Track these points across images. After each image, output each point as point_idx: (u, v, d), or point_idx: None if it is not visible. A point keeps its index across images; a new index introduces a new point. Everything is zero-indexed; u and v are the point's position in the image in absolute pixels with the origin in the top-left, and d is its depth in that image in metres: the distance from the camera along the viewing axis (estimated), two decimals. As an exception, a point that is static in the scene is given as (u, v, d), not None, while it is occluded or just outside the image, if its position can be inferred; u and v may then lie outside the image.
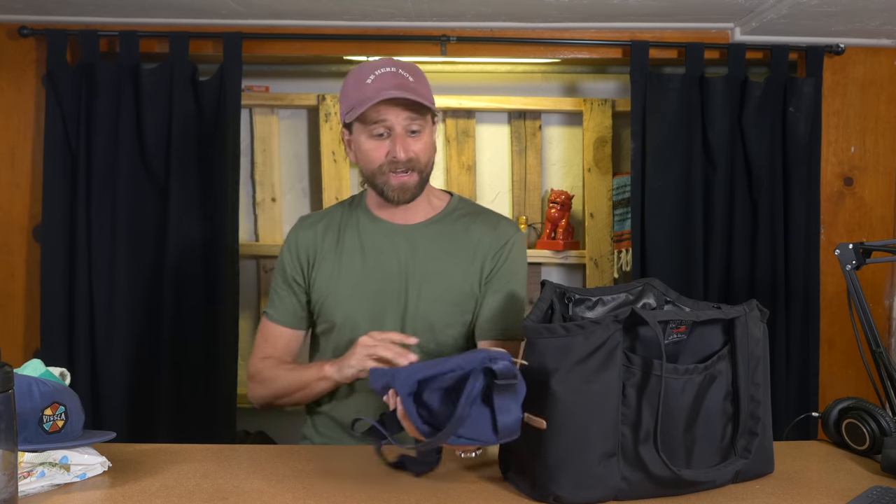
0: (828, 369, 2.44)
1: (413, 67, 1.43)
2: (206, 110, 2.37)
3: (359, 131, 1.42)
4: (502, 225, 1.53)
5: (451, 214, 1.52)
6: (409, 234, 1.48)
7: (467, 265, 1.47)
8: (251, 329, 2.68)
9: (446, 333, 1.46)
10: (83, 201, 2.33)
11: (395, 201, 1.43)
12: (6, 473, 0.93)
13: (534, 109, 2.64)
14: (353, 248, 1.49)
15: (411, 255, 1.47)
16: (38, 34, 2.36)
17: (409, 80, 1.39)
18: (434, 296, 1.45)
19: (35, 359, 1.18)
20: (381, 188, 1.43)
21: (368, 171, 1.44)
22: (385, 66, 1.40)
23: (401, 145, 1.38)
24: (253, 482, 1.14)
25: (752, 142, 2.37)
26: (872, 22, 2.26)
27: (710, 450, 1.13)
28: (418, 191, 1.44)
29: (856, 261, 1.46)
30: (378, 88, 1.36)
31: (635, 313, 1.07)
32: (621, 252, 2.56)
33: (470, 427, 1.01)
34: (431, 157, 1.45)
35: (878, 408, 1.32)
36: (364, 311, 1.45)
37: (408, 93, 1.35)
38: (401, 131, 1.39)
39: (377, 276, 1.46)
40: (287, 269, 1.54)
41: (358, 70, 1.42)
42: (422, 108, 1.39)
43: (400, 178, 1.40)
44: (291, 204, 2.71)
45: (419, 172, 1.42)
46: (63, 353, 2.31)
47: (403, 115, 1.38)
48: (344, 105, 1.44)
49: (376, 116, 1.37)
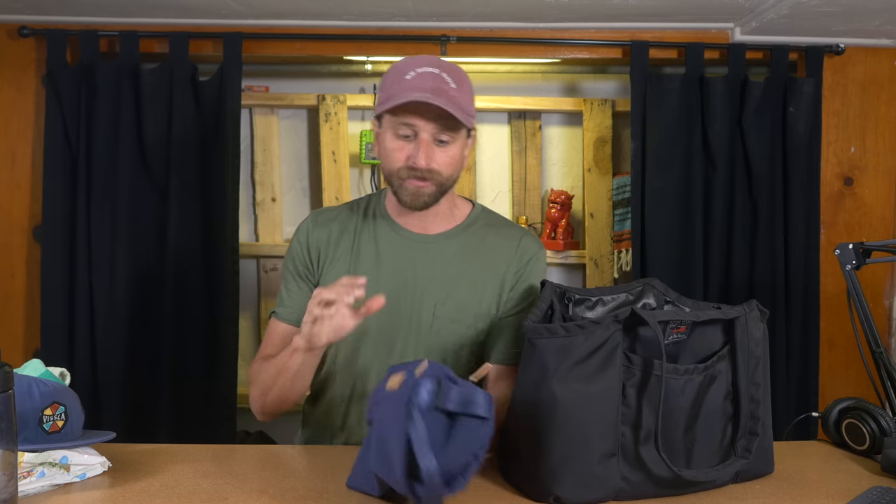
0: (828, 369, 2.44)
1: (460, 73, 1.32)
2: (206, 110, 2.37)
3: (386, 127, 1.33)
4: (524, 241, 1.45)
5: (471, 226, 1.45)
6: (428, 246, 1.41)
7: (486, 284, 1.40)
8: (251, 329, 2.68)
9: (459, 354, 1.40)
10: (83, 201, 2.33)
11: (408, 206, 1.35)
12: (6, 473, 0.93)
13: (534, 109, 2.64)
14: (369, 255, 1.41)
15: (428, 270, 1.40)
16: (38, 34, 2.36)
17: (450, 87, 1.28)
18: (449, 315, 1.38)
19: (35, 359, 1.18)
20: (396, 189, 1.36)
21: (387, 169, 1.36)
22: (428, 66, 1.30)
23: (424, 152, 1.29)
24: (253, 482, 1.14)
25: (751, 142, 2.37)
26: (872, 22, 2.26)
27: (711, 450, 1.13)
28: (433, 200, 1.35)
29: (856, 261, 1.46)
30: (413, 87, 1.26)
31: (635, 313, 1.07)
32: (621, 252, 2.56)
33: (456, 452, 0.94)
34: (456, 171, 1.36)
35: (878, 408, 1.32)
36: (374, 321, 1.35)
37: (442, 100, 1.25)
38: (427, 138, 1.30)
39: (391, 286, 1.38)
40: (298, 263, 1.45)
41: (402, 62, 1.33)
42: (455, 120, 1.28)
43: (416, 184, 1.32)
44: (291, 204, 2.71)
45: (437, 185, 1.33)
46: (63, 353, 2.31)
47: (433, 124, 1.28)
48: (379, 95, 1.35)
49: (404, 117, 1.29)
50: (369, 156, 2.51)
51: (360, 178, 2.69)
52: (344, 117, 2.59)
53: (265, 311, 2.65)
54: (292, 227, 2.68)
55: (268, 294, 2.67)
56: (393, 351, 1.39)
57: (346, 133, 2.60)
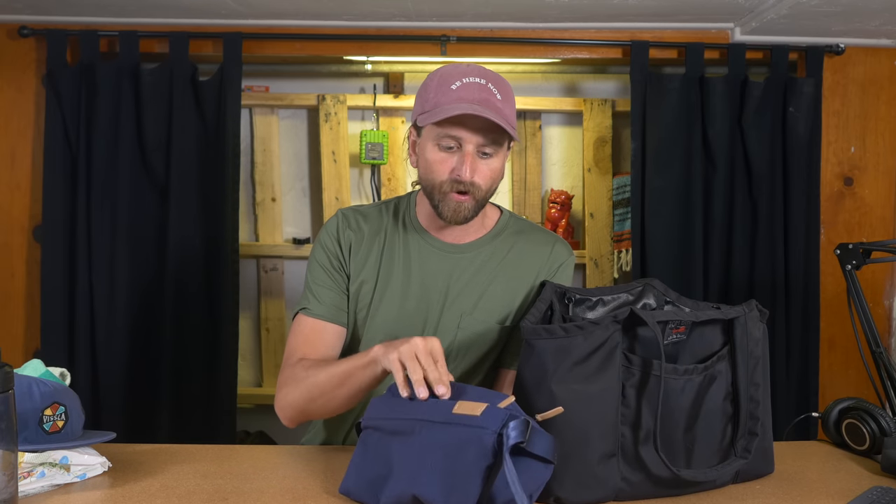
0: (828, 369, 2.44)
1: (503, 83, 1.30)
2: (206, 110, 2.37)
3: (427, 137, 1.30)
4: (557, 247, 1.43)
5: (501, 234, 1.42)
6: (458, 257, 1.39)
7: (516, 291, 1.39)
8: (251, 329, 2.68)
9: (479, 366, 1.39)
10: (83, 201, 2.33)
11: (448, 221, 1.31)
12: (6, 473, 0.93)
13: (534, 109, 2.64)
14: (399, 263, 1.38)
15: (458, 280, 1.38)
16: (38, 34, 2.36)
17: (496, 98, 1.25)
18: (473, 327, 1.37)
19: (35, 359, 1.18)
20: (437, 204, 1.31)
21: (428, 182, 1.31)
22: (474, 76, 1.26)
23: (469, 166, 1.26)
24: (253, 482, 1.14)
25: (752, 142, 2.37)
26: (872, 22, 2.26)
27: (710, 450, 1.13)
28: (472, 215, 1.31)
29: (856, 261, 1.46)
30: (460, 98, 1.23)
31: (634, 314, 1.07)
32: (621, 252, 2.56)
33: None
34: (495, 184, 1.32)
35: (878, 408, 1.32)
36: (401, 329, 1.35)
37: (490, 112, 1.22)
38: (472, 150, 1.26)
39: (419, 296, 1.37)
40: (329, 255, 1.39)
41: (445, 70, 1.29)
42: (501, 132, 1.25)
43: (458, 198, 1.28)
44: (291, 204, 2.71)
45: (477, 199, 1.30)
46: (63, 353, 2.31)
47: (478, 136, 1.25)
48: (420, 103, 1.31)
49: (449, 128, 1.25)
50: (369, 156, 2.51)
51: (360, 178, 2.69)
52: (344, 117, 2.59)
53: (265, 311, 2.65)
54: (292, 227, 2.69)
55: (268, 294, 2.67)
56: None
57: (346, 133, 2.60)
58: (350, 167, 2.62)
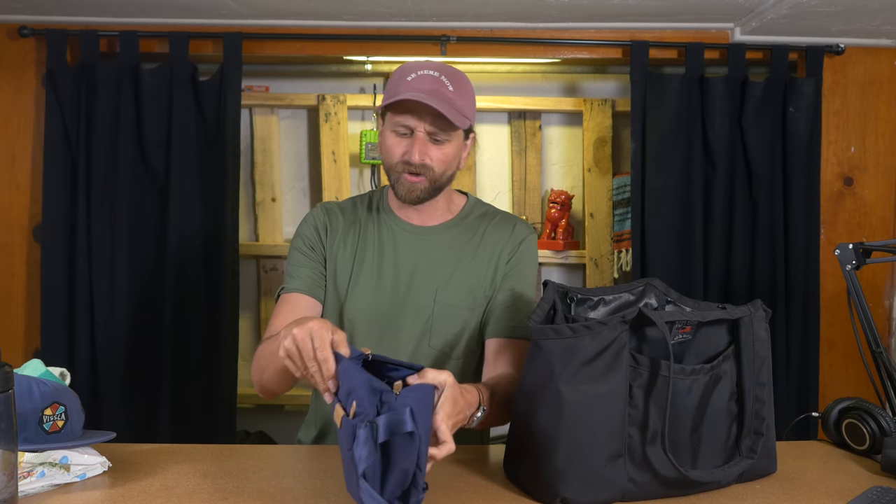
0: (828, 369, 2.44)
1: (460, 77, 1.39)
2: (206, 110, 2.37)
3: (387, 125, 1.41)
4: (518, 226, 1.53)
5: (467, 217, 1.52)
6: (427, 238, 1.49)
7: (483, 268, 1.47)
8: (251, 329, 2.68)
9: (460, 336, 1.46)
10: (83, 201, 2.33)
11: (403, 199, 1.42)
12: (6, 473, 0.93)
13: (534, 109, 2.64)
14: (373, 246, 1.49)
15: (429, 259, 1.47)
16: (38, 34, 2.36)
17: (448, 90, 1.35)
18: (449, 300, 1.45)
19: (35, 359, 1.18)
20: (394, 185, 1.43)
21: (386, 164, 1.43)
22: (429, 69, 1.37)
23: (418, 148, 1.37)
24: (253, 482, 1.14)
25: (752, 142, 2.37)
26: (872, 22, 2.26)
27: (716, 450, 1.13)
28: (426, 195, 1.42)
29: (856, 261, 1.46)
30: (411, 87, 1.34)
31: (643, 314, 1.06)
32: (621, 252, 2.56)
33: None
34: (449, 169, 1.43)
35: (878, 408, 1.32)
36: (379, 310, 1.45)
37: (436, 101, 1.32)
38: (422, 135, 1.37)
39: (394, 275, 1.46)
40: (306, 239, 1.49)
41: (407, 65, 1.41)
42: (448, 121, 1.35)
43: (410, 178, 1.39)
44: (291, 204, 2.71)
45: (431, 180, 1.40)
46: (63, 353, 2.31)
47: (427, 123, 1.36)
48: (384, 94, 1.42)
49: (402, 116, 1.36)
50: (369, 156, 2.51)
51: (360, 178, 2.69)
52: (344, 117, 2.59)
53: (265, 311, 2.65)
54: (292, 227, 2.69)
55: (268, 294, 2.66)
56: (398, 336, 1.44)
57: (346, 133, 2.60)
58: (350, 167, 2.62)
